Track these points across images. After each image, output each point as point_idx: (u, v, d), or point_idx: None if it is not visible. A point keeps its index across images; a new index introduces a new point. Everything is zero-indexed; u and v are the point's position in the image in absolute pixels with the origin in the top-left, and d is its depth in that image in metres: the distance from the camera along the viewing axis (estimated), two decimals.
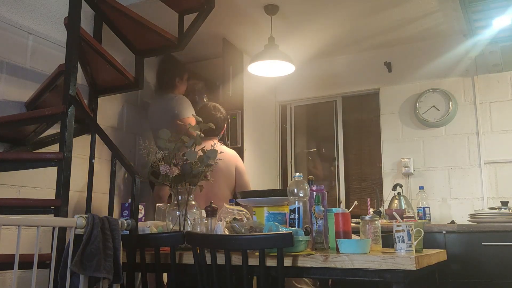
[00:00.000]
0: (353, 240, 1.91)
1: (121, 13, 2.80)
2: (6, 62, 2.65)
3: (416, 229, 1.94)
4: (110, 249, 1.88)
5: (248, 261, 1.81)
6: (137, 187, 2.12)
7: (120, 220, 2.01)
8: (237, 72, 3.97)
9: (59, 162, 2.08)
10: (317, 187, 2.13)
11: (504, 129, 3.70)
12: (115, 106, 3.44)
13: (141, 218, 2.55)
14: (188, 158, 2.27)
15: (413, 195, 3.82)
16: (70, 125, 2.15)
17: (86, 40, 2.57)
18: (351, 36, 3.98)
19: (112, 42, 3.09)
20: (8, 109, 2.62)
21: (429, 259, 1.92)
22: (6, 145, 2.63)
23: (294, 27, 3.75)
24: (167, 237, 2.09)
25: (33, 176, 2.67)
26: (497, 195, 3.63)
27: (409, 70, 4.10)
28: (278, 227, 1.91)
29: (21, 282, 2.39)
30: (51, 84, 2.55)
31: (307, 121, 4.75)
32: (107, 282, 1.88)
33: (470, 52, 3.88)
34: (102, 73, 2.92)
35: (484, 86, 3.81)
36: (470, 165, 3.77)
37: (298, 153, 4.68)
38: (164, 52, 3.62)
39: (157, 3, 2.98)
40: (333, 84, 4.41)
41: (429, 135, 3.95)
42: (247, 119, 3.97)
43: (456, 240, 3.12)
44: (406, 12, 3.52)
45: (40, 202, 2.15)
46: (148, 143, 2.36)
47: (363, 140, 4.39)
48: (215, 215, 2.23)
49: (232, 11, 3.47)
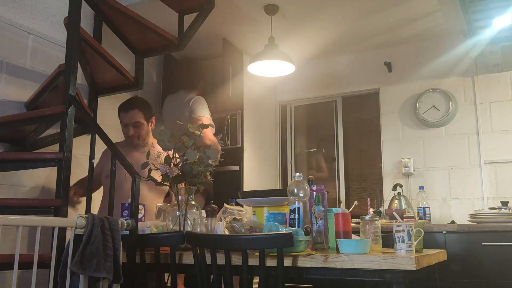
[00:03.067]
0: (353, 240, 1.91)
1: (121, 13, 2.80)
2: (6, 62, 2.65)
3: (416, 229, 1.94)
4: (110, 249, 1.87)
5: (248, 261, 1.81)
6: (137, 187, 2.12)
7: (120, 220, 2.01)
8: (237, 72, 3.97)
9: (59, 162, 2.08)
10: (317, 187, 2.13)
11: (504, 129, 3.70)
12: (115, 106, 3.44)
13: (141, 218, 2.55)
14: (188, 158, 2.27)
15: (413, 195, 3.82)
16: (70, 125, 2.15)
17: (86, 40, 2.57)
18: (351, 36, 3.98)
19: (112, 42, 3.09)
20: (8, 109, 2.62)
21: (429, 259, 1.92)
22: (6, 145, 2.63)
23: (294, 27, 3.75)
24: (167, 237, 2.09)
25: (33, 176, 2.67)
26: (497, 195, 3.63)
27: (409, 70, 4.10)
28: (278, 227, 1.91)
29: (21, 282, 2.39)
30: (51, 84, 2.55)
31: (307, 121, 4.75)
32: (107, 282, 1.88)
33: (470, 52, 3.88)
34: (102, 73, 2.92)
35: (484, 86, 3.81)
36: (470, 165, 3.77)
37: (298, 153, 4.68)
38: (164, 52, 3.63)
39: (157, 3, 2.98)
40: (333, 84, 4.41)
41: (429, 135, 3.95)
42: (247, 119, 3.97)
43: (456, 240, 3.12)
44: (406, 12, 3.52)
45: (40, 202, 2.16)
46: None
47: (363, 140, 4.39)
48: (215, 215, 2.23)
49: (232, 11, 3.47)
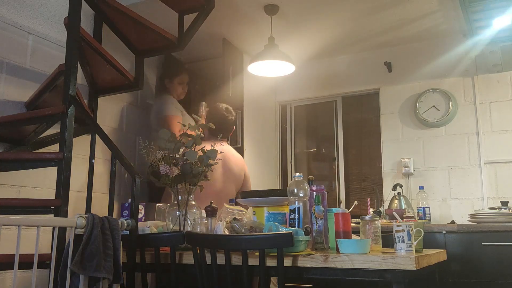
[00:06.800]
0: (353, 240, 1.91)
1: (121, 13, 2.80)
2: (6, 62, 2.65)
3: (416, 229, 1.94)
4: (110, 249, 1.87)
5: (248, 261, 1.81)
6: (137, 187, 2.12)
7: (120, 220, 2.01)
8: (237, 72, 3.97)
9: (59, 162, 2.08)
10: (317, 187, 2.13)
11: (504, 129, 3.70)
12: (115, 106, 3.44)
13: (141, 218, 2.55)
14: (188, 158, 2.27)
15: (413, 195, 3.82)
16: (70, 125, 2.15)
17: (86, 40, 2.57)
18: (351, 36, 3.98)
19: (112, 42, 3.09)
20: (8, 109, 2.62)
21: (429, 259, 1.92)
22: (6, 145, 2.63)
23: (294, 27, 3.75)
24: (167, 237, 2.09)
25: (33, 176, 2.66)
26: (497, 195, 3.63)
27: (409, 70, 4.10)
28: (278, 227, 1.91)
29: (21, 282, 2.39)
30: (51, 84, 2.54)
31: (307, 121, 4.75)
32: (107, 282, 1.88)
33: (470, 52, 3.88)
34: (102, 73, 2.92)
35: (484, 86, 3.82)
36: (470, 165, 3.77)
37: (298, 153, 4.68)
38: (164, 52, 3.62)
39: (157, 3, 2.98)
40: (333, 84, 4.41)
41: (429, 135, 3.95)
42: (247, 119, 3.97)
43: (456, 240, 3.12)
44: (406, 12, 3.52)
45: (40, 202, 2.15)
46: (148, 143, 2.36)
47: (363, 140, 4.39)
48: (215, 215, 2.23)
49: (232, 11, 3.47)
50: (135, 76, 2.98)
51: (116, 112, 3.45)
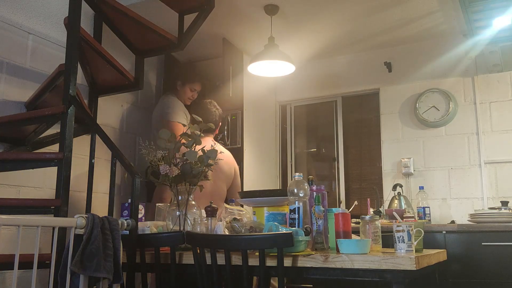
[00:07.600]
0: (353, 240, 1.91)
1: (121, 13, 2.80)
2: (6, 62, 2.65)
3: (416, 229, 1.94)
4: (110, 249, 1.88)
5: (248, 261, 1.81)
6: (137, 187, 2.12)
7: (120, 220, 2.01)
8: (237, 72, 3.97)
9: (59, 162, 2.08)
10: (317, 187, 2.13)
11: (504, 129, 3.70)
12: (115, 106, 3.44)
13: (141, 218, 2.55)
14: (188, 158, 2.27)
15: (413, 195, 3.82)
16: (70, 125, 2.15)
17: (86, 40, 2.57)
18: (351, 36, 3.98)
19: (112, 42, 3.09)
20: (8, 109, 2.62)
21: (429, 259, 1.92)
22: (6, 145, 2.63)
23: (294, 27, 3.75)
24: (167, 237, 2.09)
25: (33, 176, 2.67)
26: (497, 195, 3.63)
27: (409, 70, 4.10)
28: (278, 227, 1.91)
29: (21, 282, 2.39)
30: (51, 84, 2.55)
31: (307, 121, 4.75)
32: (107, 282, 1.88)
33: (470, 52, 3.88)
34: (102, 73, 2.92)
35: (484, 86, 3.82)
36: (470, 165, 3.77)
37: (298, 153, 4.68)
38: (164, 52, 3.62)
39: (157, 3, 2.98)
40: (333, 84, 4.41)
41: (429, 135, 3.95)
42: (247, 119, 3.97)
43: (456, 240, 3.12)
44: (406, 12, 3.52)
45: (40, 202, 2.16)
46: (148, 143, 2.36)
47: (363, 140, 4.39)
48: (215, 215, 2.22)
49: (232, 11, 3.47)
50: (135, 76, 2.98)
51: (116, 112, 3.45)
